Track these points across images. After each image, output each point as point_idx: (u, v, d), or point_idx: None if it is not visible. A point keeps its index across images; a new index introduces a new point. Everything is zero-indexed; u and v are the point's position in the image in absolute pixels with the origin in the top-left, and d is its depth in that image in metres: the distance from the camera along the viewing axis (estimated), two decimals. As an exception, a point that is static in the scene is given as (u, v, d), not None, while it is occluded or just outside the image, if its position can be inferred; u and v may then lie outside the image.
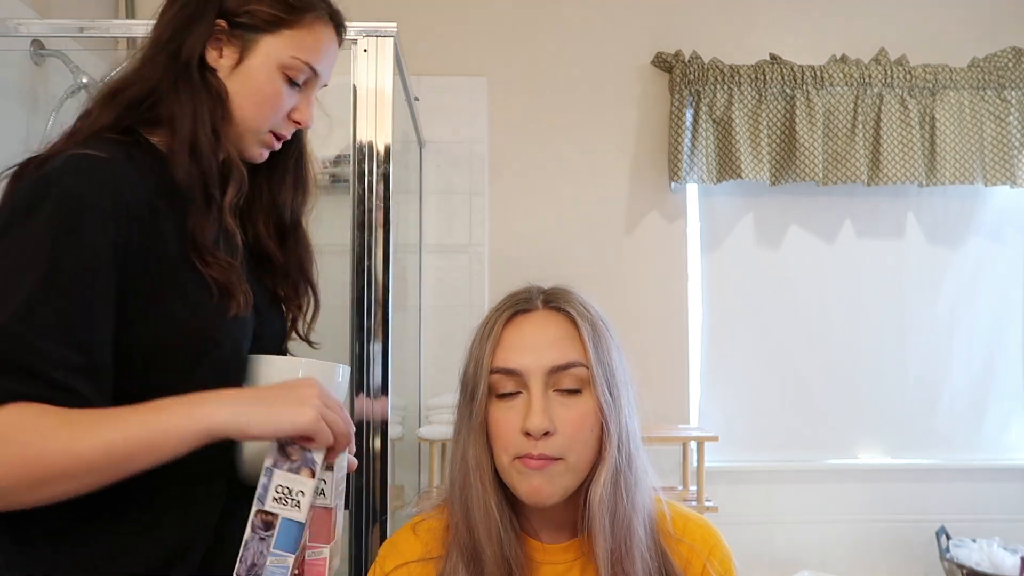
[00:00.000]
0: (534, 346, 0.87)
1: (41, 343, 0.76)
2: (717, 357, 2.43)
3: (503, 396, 0.87)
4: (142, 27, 2.06)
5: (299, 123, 1.02)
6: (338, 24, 1.04)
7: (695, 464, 2.09)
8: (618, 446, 0.86)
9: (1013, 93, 2.35)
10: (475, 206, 2.32)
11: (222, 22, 0.95)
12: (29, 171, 0.85)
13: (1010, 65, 2.35)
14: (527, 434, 0.84)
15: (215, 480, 0.90)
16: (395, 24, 1.48)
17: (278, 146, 1.03)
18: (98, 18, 2.14)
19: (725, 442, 2.22)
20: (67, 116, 1.82)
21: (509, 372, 0.86)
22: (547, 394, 0.86)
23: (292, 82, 0.99)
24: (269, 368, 0.94)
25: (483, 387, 0.87)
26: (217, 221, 0.93)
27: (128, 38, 2.12)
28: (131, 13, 2.27)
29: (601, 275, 2.32)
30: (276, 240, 1.07)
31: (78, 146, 0.86)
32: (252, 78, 0.97)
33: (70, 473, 0.76)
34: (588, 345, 0.87)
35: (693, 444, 2.13)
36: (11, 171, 0.88)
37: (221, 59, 0.96)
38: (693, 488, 2.14)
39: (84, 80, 1.82)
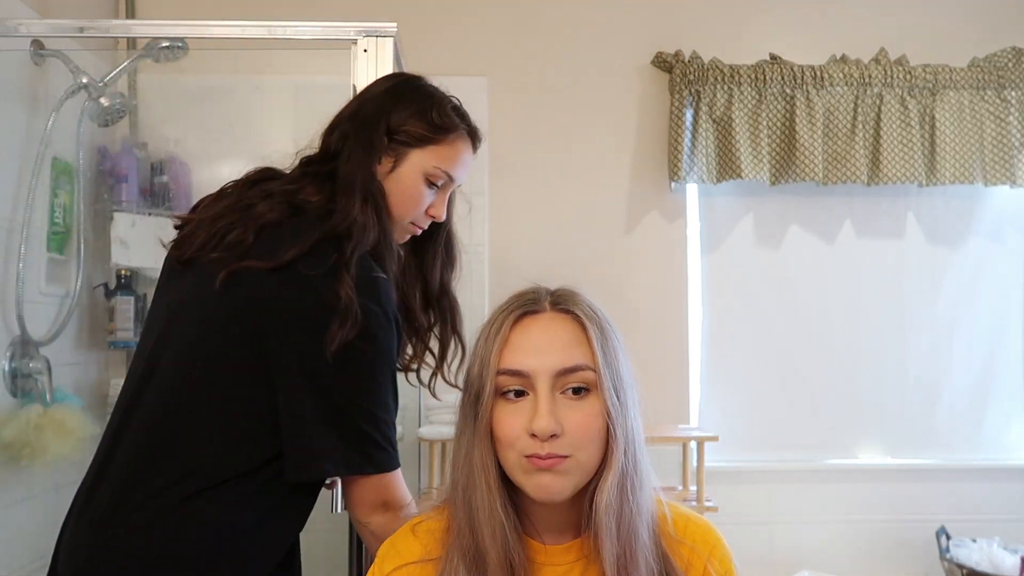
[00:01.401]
0: (542, 348, 0.87)
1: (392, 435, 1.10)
2: (717, 357, 2.43)
3: (509, 398, 0.87)
4: (142, 27, 2.07)
5: (434, 217, 1.26)
6: (475, 138, 1.29)
7: (695, 464, 2.09)
8: (624, 449, 0.86)
9: (1013, 93, 2.35)
10: (475, 206, 2.30)
11: (385, 138, 1.19)
12: (366, 299, 1.06)
13: (1010, 65, 2.35)
14: (533, 436, 0.84)
15: None
16: (395, 24, 1.48)
17: (417, 233, 1.27)
18: (98, 18, 2.14)
19: (725, 442, 2.22)
20: (67, 116, 1.83)
21: (516, 373, 0.86)
22: (554, 396, 0.85)
23: (432, 185, 1.23)
24: None
25: (489, 387, 0.86)
26: None
27: (128, 38, 2.13)
28: (131, 13, 2.27)
29: (601, 275, 2.32)
30: (422, 303, 1.32)
31: (374, 268, 1.11)
32: (401, 183, 1.20)
33: None
34: (596, 348, 0.86)
35: (693, 444, 2.13)
36: (322, 257, 1.07)
37: (379, 165, 1.19)
38: (693, 488, 2.14)
39: (84, 80, 1.82)
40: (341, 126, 1.21)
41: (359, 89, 1.41)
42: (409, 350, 1.33)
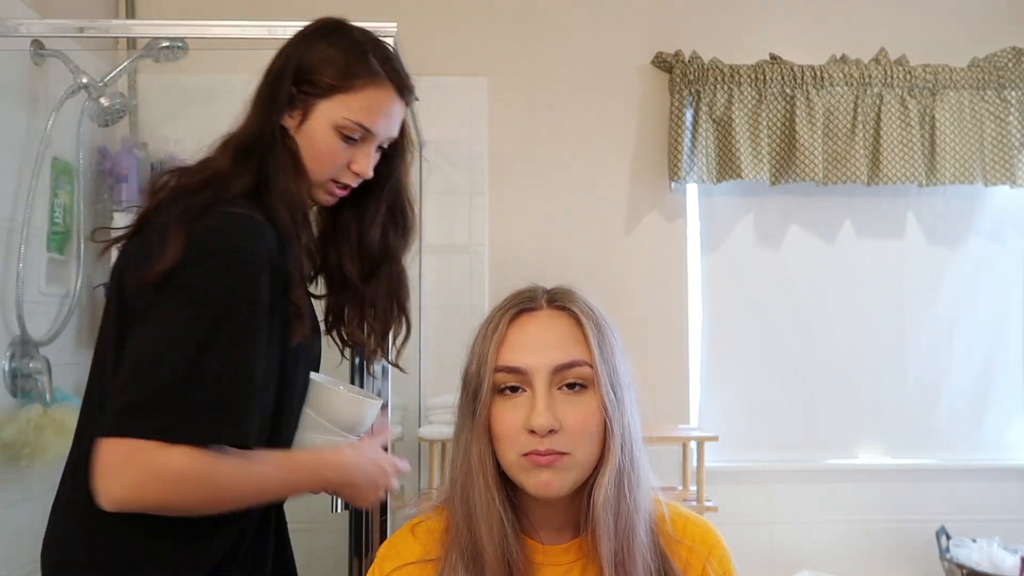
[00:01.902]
0: (539, 345, 0.87)
1: (247, 399, 0.95)
2: (717, 357, 2.43)
3: (507, 395, 0.87)
4: (142, 27, 2.07)
5: (357, 174, 1.15)
6: (400, 85, 1.15)
7: (695, 464, 2.09)
8: (621, 446, 0.86)
9: (1013, 93, 2.35)
10: (475, 206, 2.32)
11: (293, 88, 1.11)
12: (197, 226, 0.97)
13: (1010, 65, 2.35)
14: (531, 432, 0.84)
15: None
16: (395, 24, 1.48)
17: (342, 194, 1.16)
18: (98, 18, 2.14)
19: (725, 442, 2.22)
20: (67, 116, 1.83)
21: (513, 370, 0.86)
22: (551, 392, 0.86)
23: (348, 139, 1.12)
24: (334, 399, 1.14)
25: (487, 385, 0.87)
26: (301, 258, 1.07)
27: (128, 38, 2.14)
28: (131, 13, 2.27)
29: (601, 275, 2.32)
30: (361, 272, 1.21)
31: (232, 205, 1.01)
32: (311, 137, 1.11)
33: (230, 504, 0.97)
34: (592, 345, 0.87)
35: (693, 444, 2.13)
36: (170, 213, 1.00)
37: (289, 120, 1.11)
38: (693, 488, 2.14)
39: (84, 80, 1.82)
40: (259, 81, 1.15)
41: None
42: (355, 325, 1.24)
